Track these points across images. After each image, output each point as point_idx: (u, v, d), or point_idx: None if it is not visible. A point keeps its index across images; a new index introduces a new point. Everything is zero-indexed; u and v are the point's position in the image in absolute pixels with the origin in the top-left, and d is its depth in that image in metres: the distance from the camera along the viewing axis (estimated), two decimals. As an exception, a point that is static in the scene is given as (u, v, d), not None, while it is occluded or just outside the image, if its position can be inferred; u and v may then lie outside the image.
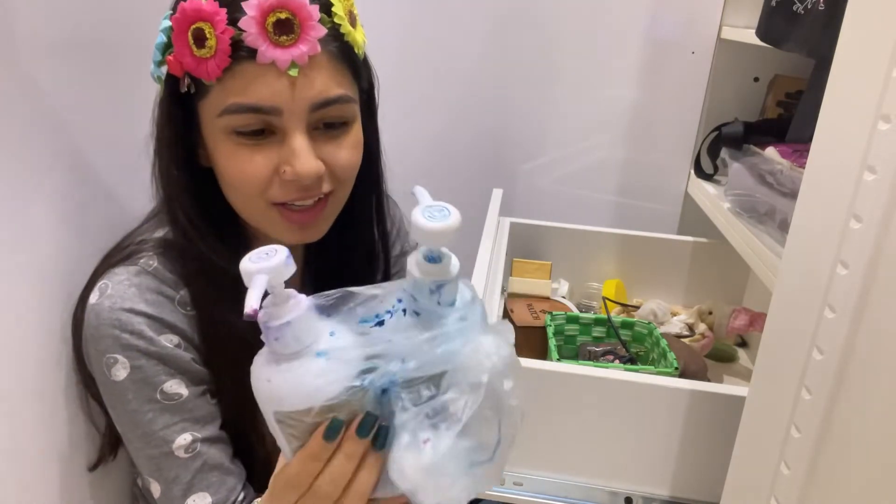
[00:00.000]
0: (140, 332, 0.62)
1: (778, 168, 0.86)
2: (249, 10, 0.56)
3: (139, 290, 0.64)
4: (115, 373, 0.62)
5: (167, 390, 0.63)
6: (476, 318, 0.48)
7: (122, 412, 0.64)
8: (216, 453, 0.66)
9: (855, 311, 0.43)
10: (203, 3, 0.57)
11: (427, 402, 0.46)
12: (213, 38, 0.57)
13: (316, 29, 0.58)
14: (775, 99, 1.18)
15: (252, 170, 0.61)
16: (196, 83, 0.60)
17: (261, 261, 0.44)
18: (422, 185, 0.51)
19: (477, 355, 0.46)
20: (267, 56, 0.57)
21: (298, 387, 0.45)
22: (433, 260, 0.47)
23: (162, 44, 0.61)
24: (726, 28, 1.20)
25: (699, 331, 1.11)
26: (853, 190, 0.43)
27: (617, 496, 0.78)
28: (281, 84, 0.58)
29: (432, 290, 0.47)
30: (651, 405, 0.74)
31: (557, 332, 0.98)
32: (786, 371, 0.50)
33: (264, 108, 0.59)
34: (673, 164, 1.31)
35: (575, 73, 1.30)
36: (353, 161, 0.67)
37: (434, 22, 1.30)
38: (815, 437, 0.46)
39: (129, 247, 0.68)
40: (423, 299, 0.47)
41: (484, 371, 0.46)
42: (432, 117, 1.34)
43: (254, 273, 0.43)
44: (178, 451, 0.64)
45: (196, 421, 0.65)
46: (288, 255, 0.45)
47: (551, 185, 1.38)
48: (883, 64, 0.41)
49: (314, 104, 0.60)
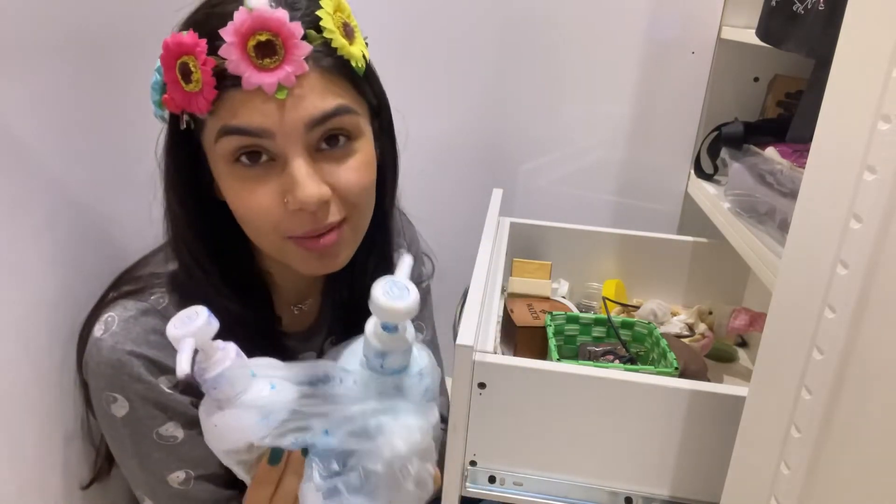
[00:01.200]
0: (138, 377, 0.62)
1: (778, 168, 0.86)
2: (228, 37, 0.53)
3: (144, 331, 0.63)
4: (114, 409, 0.63)
5: (163, 433, 0.64)
6: (412, 392, 0.55)
7: (118, 443, 0.65)
8: (211, 488, 0.68)
9: (855, 311, 0.43)
10: (184, 37, 0.55)
11: (331, 479, 0.53)
12: (198, 70, 0.54)
13: (300, 47, 0.55)
14: (775, 99, 1.18)
15: (258, 203, 0.59)
16: (193, 118, 0.58)
17: (184, 325, 0.49)
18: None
19: (384, 444, 0.53)
20: (252, 82, 0.54)
21: (240, 426, 0.52)
22: (388, 329, 0.53)
23: (158, 83, 0.60)
24: (726, 28, 1.20)
25: (699, 331, 1.11)
26: (853, 190, 0.43)
27: (617, 496, 0.78)
28: (270, 107, 0.55)
29: (377, 355, 0.53)
30: (651, 405, 0.74)
31: (557, 332, 0.98)
32: (786, 371, 0.50)
33: (254, 130, 0.56)
34: (673, 164, 1.31)
35: (575, 73, 1.30)
36: (364, 183, 0.62)
37: (434, 22, 1.30)
38: (815, 437, 0.46)
39: (141, 279, 0.67)
40: (370, 360, 0.54)
41: (382, 461, 0.52)
42: (432, 117, 1.34)
43: (180, 338, 0.48)
44: (172, 482, 0.65)
45: (191, 461, 0.66)
46: (209, 315, 0.50)
47: (551, 185, 1.38)
48: (883, 64, 0.41)
49: (309, 122, 0.57)
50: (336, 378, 0.55)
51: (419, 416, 0.55)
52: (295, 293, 0.76)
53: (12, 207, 0.59)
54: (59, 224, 0.66)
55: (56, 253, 0.66)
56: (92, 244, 0.72)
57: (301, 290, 0.76)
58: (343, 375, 0.55)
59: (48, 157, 0.64)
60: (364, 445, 0.53)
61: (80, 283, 0.69)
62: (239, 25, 0.53)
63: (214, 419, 0.53)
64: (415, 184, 0.79)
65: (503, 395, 0.75)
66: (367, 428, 0.53)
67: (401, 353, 0.54)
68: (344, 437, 0.53)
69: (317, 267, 0.64)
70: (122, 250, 0.75)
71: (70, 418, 0.69)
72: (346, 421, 0.53)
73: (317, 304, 0.79)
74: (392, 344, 0.53)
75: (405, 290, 0.51)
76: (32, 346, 0.63)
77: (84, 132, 0.70)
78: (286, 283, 0.73)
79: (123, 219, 0.78)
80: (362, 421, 0.53)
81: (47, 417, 0.66)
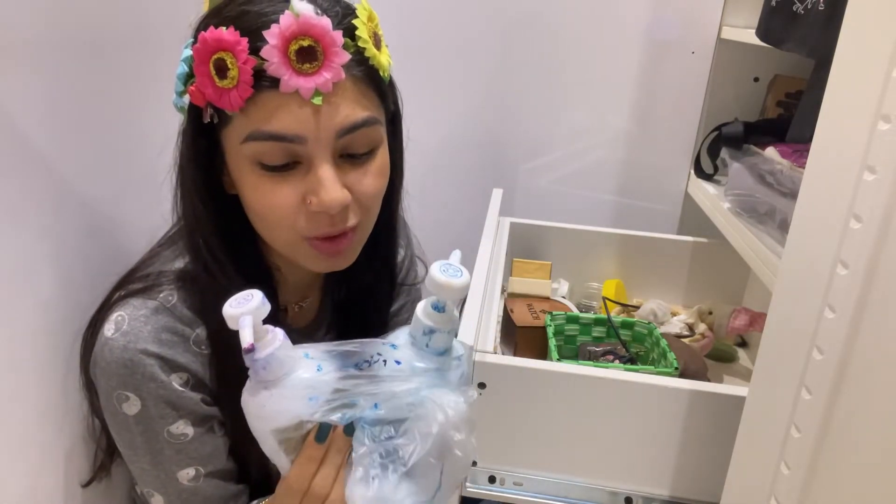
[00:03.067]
0: (152, 375, 0.62)
1: (778, 168, 0.86)
2: (271, 39, 0.54)
3: (155, 330, 0.63)
4: (125, 408, 0.63)
5: (174, 431, 0.64)
6: (451, 375, 0.58)
7: (128, 442, 0.65)
8: (220, 484, 0.68)
9: (855, 311, 0.43)
10: (224, 33, 0.55)
11: (382, 443, 0.55)
12: (235, 68, 0.55)
13: (340, 55, 0.56)
14: (775, 99, 1.18)
15: (279, 201, 0.60)
16: (219, 112, 0.58)
17: (241, 305, 0.52)
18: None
19: (435, 408, 0.55)
20: (290, 85, 0.55)
21: (290, 405, 0.54)
22: (437, 309, 0.57)
23: (183, 74, 0.60)
24: (726, 28, 1.20)
25: (699, 331, 1.11)
26: (853, 190, 0.43)
27: (617, 496, 0.78)
28: (305, 113, 0.56)
29: (425, 332, 0.57)
30: (651, 405, 0.74)
31: (557, 332, 0.98)
32: (786, 371, 0.50)
33: (288, 136, 0.57)
34: (673, 164, 1.31)
35: (575, 73, 1.30)
36: (379, 188, 0.65)
37: (433, 23, 1.30)
38: (815, 437, 0.46)
39: (149, 277, 0.67)
40: (417, 336, 0.57)
41: (436, 423, 0.54)
42: (432, 117, 1.34)
43: (238, 316, 0.51)
44: (182, 479, 0.66)
45: (201, 458, 0.66)
46: (263, 298, 0.53)
47: (551, 185, 1.38)
48: (883, 64, 0.41)
49: (340, 130, 0.58)
50: (380, 359, 0.57)
51: (461, 394, 0.57)
52: (298, 290, 0.77)
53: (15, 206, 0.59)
54: (62, 223, 0.66)
55: (60, 252, 0.66)
56: (96, 243, 0.72)
57: (304, 286, 0.77)
58: (388, 356, 0.57)
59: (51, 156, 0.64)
60: (416, 411, 0.55)
61: (83, 283, 0.69)
62: (284, 29, 0.54)
63: (262, 399, 0.54)
64: (415, 184, 0.79)
65: (503, 395, 0.75)
66: (414, 401, 0.55)
67: (446, 333, 0.57)
68: (394, 408, 0.55)
69: (326, 265, 0.66)
70: (126, 248, 0.75)
71: (73, 418, 0.69)
72: (393, 396, 0.55)
73: (317, 301, 0.80)
74: (440, 322, 0.56)
75: (459, 271, 0.56)
76: (35, 347, 0.63)
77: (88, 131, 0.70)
78: (292, 277, 0.74)
79: (126, 217, 0.78)
80: (409, 396, 0.55)
81: (50, 417, 0.66)
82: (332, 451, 0.56)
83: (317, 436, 0.55)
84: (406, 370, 0.56)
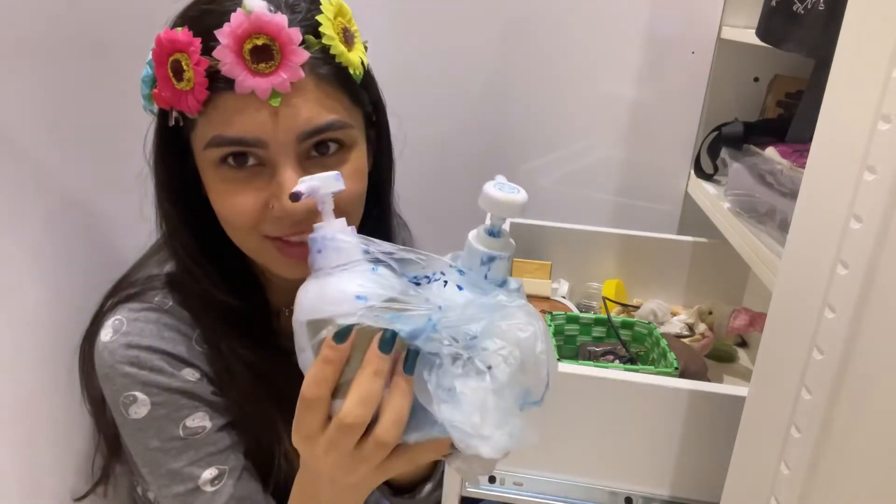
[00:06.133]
0: (160, 369, 0.61)
1: (778, 168, 0.86)
2: (223, 39, 0.52)
3: (157, 327, 0.62)
4: (133, 411, 0.61)
5: (190, 425, 0.62)
6: (514, 302, 0.50)
7: (143, 451, 0.63)
8: (243, 484, 0.65)
9: (855, 311, 0.43)
10: (178, 34, 0.53)
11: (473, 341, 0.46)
12: (190, 69, 0.53)
13: (298, 53, 0.54)
14: (775, 99, 1.18)
15: (241, 205, 0.58)
16: (182, 116, 0.57)
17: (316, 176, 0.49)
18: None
19: (512, 325, 0.48)
20: (246, 86, 0.53)
21: (333, 297, 0.47)
22: (493, 234, 0.51)
23: (148, 77, 0.59)
24: (726, 28, 1.20)
25: (699, 331, 1.11)
26: (853, 190, 0.43)
27: (617, 496, 0.78)
28: (263, 115, 0.54)
29: (483, 262, 0.51)
30: (651, 405, 0.74)
31: (557, 332, 0.98)
32: (786, 371, 0.50)
33: (248, 140, 0.55)
34: (673, 164, 1.31)
35: (575, 73, 1.30)
36: (353, 192, 0.61)
37: (433, 23, 1.29)
38: (815, 437, 0.46)
39: (139, 282, 0.66)
40: (474, 269, 0.51)
41: (523, 331, 0.48)
42: (432, 117, 1.34)
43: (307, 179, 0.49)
44: (204, 485, 0.63)
45: (220, 453, 0.64)
46: (339, 175, 0.50)
47: (551, 185, 1.38)
48: (883, 64, 0.41)
49: (302, 134, 0.56)
50: (442, 279, 0.51)
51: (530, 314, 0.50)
52: (289, 293, 0.75)
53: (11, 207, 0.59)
54: (57, 227, 0.66)
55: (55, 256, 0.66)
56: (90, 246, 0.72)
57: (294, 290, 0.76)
58: (451, 278, 0.51)
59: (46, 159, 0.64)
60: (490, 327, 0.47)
61: (78, 288, 0.68)
62: (235, 27, 0.52)
63: (309, 286, 0.50)
64: (415, 184, 0.79)
65: (503, 395, 0.75)
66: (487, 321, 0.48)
67: (505, 260, 0.52)
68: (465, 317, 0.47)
69: (299, 272, 0.61)
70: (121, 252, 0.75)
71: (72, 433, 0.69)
72: (461, 308, 0.48)
73: None
74: (499, 247, 0.51)
75: (515, 188, 0.51)
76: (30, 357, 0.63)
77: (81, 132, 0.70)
78: (279, 281, 0.72)
79: (121, 220, 0.77)
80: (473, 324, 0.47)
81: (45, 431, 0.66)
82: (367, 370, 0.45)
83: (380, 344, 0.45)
84: (469, 297, 0.50)
